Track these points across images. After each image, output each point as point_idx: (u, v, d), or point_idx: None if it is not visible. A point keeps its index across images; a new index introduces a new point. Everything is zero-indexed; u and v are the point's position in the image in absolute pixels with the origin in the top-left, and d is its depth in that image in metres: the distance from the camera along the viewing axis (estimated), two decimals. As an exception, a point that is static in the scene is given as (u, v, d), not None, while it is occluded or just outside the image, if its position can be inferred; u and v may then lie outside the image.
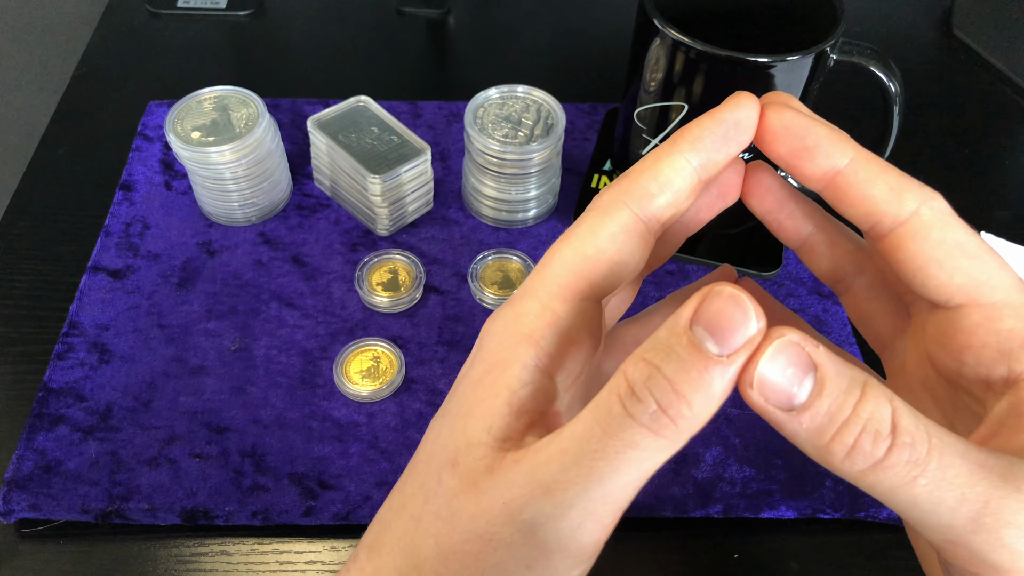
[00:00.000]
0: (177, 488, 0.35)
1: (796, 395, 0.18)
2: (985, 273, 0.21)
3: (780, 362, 0.18)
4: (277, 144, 0.44)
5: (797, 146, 0.22)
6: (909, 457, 0.18)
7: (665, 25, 0.37)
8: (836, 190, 0.22)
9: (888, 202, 0.22)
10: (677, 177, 0.22)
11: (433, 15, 0.62)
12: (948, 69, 0.60)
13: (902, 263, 0.22)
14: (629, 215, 0.22)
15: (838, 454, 0.18)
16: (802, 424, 0.18)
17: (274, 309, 0.41)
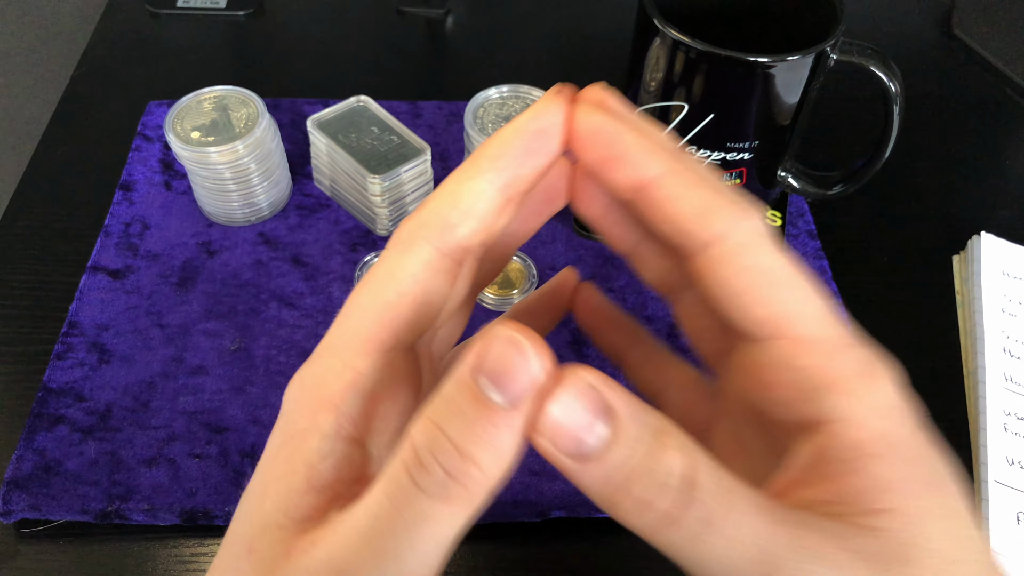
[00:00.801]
0: (177, 488, 0.35)
1: (587, 443, 0.16)
2: (791, 305, 0.20)
3: (571, 406, 0.17)
4: (277, 144, 0.44)
5: (603, 154, 0.20)
6: (703, 515, 0.17)
7: (665, 25, 0.37)
8: (643, 204, 0.20)
9: (695, 221, 0.20)
10: (479, 202, 0.20)
11: (433, 15, 0.61)
12: (948, 69, 0.60)
13: (708, 288, 0.20)
14: (430, 251, 0.20)
15: (631, 509, 0.17)
16: (593, 475, 0.17)
17: (274, 309, 0.41)
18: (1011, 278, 0.44)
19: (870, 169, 0.41)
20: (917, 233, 0.48)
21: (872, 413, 0.19)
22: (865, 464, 0.18)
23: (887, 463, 0.18)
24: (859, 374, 0.19)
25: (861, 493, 0.18)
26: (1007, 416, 0.39)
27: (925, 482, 0.19)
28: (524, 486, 0.35)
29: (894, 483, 0.18)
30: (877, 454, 0.19)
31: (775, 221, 0.46)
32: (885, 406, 0.19)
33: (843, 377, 0.19)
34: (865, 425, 0.19)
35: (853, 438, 0.19)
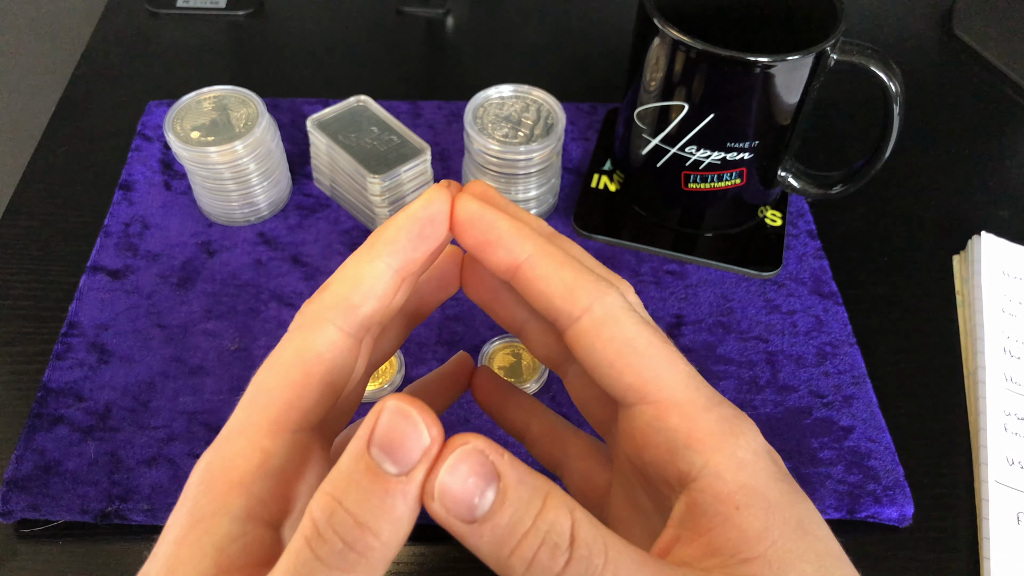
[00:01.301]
0: (176, 488, 0.35)
1: (478, 506, 0.17)
2: (653, 371, 0.21)
3: (461, 471, 0.17)
4: (277, 144, 0.44)
5: (481, 239, 0.22)
6: (585, 571, 0.18)
7: (665, 25, 0.37)
8: (519, 284, 0.22)
9: (563, 299, 0.21)
10: (378, 283, 0.22)
11: (433, 15, 0.61)
12: (948, 69, 0.60)
13: (582, 360, 0.22)
14: (334, 331, 0.21)
15: (518, 568, 0.18)
16: (483, 537, 0.17)
17: (273, 309, 0.41)
18: (1011, 278, 0.44)
19: (870, 169, 0.41)
20: (917, 233, 0.48)
21: (733, 467, 0.20)
22: (731, 516, 0.20)
23: (751, 513, 0.20)
24: (719, 432, 0.21)
25: (731, 543, 0.20)
26: (1007, 416, 0.39)
27: (790, 527, 0.20)
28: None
29: (760, 532, 0.20)
30: (742, 505, 0.20)
31: (775, 221, 0.46)
32: (745, 460, 0.20)
33: (705, 435, 0.20)
34: (728, 479, 0.20)
35: (718, 492, 0.20)
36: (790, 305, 0.43)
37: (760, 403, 0.39)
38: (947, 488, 0.37)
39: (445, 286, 0.26)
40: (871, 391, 0.39)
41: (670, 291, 0.43)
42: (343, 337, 0.21)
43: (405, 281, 0.22)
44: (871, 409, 0.39)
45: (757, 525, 0.20)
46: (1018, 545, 0.34)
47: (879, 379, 0.40)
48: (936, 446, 0.39)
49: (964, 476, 0.38)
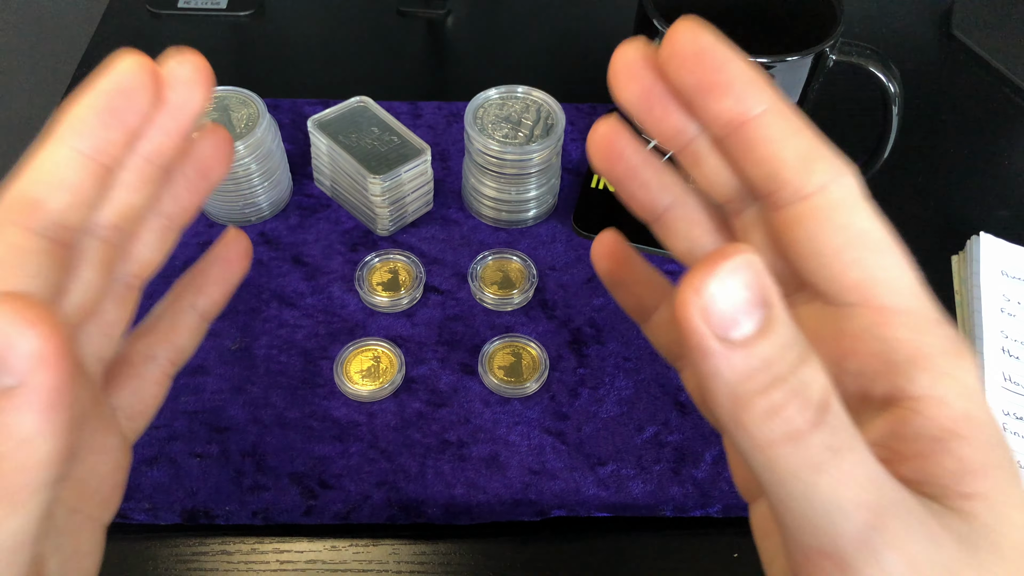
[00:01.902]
0: (178, 488, 0.35)
1: (739, 325, 0.15)
2: (885, 271, 0.18)
3: (736, 282, 0.15)
4: (277, 144, 0.44)
5: (708, 79, 0.18)
6: (829, 441, 0.16)
7: (665, 25, 0.37)
8: (739, 142, 0.19)
9: (795, 170, 0.18)
10: (66, 171, 0.19)
11: (433, 15, 0.62)
12: (948, 69, 0.60)
13: (796, 244, 0.19)
14: (16, 232, 0.18)
15: (758, 410, 0.15)
16: (732, 362, 0.15)
17: (274, 309, 0.41)
18: (1010, 278, 0.44)
19: (869, 169, 0.41)
20: (916, 233, 0.48)
21: (959, 394, 0.18)
22: (953, 446, 0.18)
23: (974, 446, 0.18)
24: (947, 352, 0.18)
25: (947, 475, 0.18)
26: (1006, 416, 0.39)
27: (1008, 470, 0.18)
28: (524, 486, 0.35)
29: (981, 468, 0.18)
30: (964, 436, 0.18)
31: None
32: (972, 388, 0.18)
33: (932, 354, 0.18)
34: (953, 405, 0.18)
35: (941, 417, 0.18)
36: (789, 305, 0.43)
37: (759, 402, 0.39)
38: (946, 487, 0.37)
39: (207, 174, 0.23)
40: (870, 391, 0.39)
41: (670, 291, 0.43)
42: (28, 237, 0.18)
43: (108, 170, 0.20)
44: (870, 408, 0.39)
45: (980, 460, 0.18)
46: (1016, 544, 0.35)
47: (878, 379, 0.40)
48: (935, 445, 0.39)
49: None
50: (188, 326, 0.26)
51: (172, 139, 0.21)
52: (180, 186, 0.23)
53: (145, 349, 0.25)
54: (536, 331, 0.41)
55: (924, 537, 0.17)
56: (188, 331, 0.26)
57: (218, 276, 0.26)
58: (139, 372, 0.24)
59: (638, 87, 0.20)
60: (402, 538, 0.35)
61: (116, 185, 0.21)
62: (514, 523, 0.35)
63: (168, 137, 0.21)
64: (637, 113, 0.20)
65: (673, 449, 0.37)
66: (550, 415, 0.38)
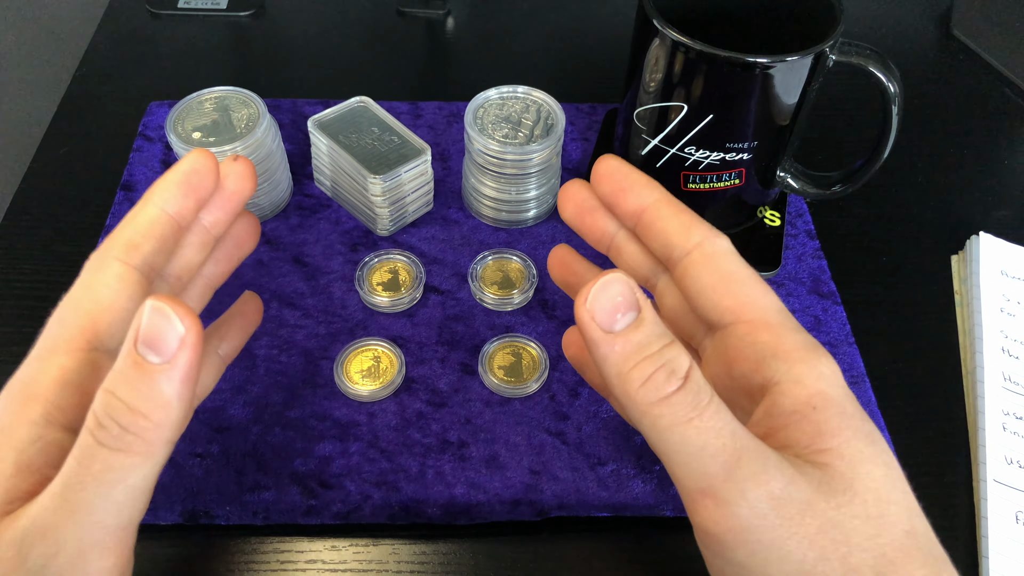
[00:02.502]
0: (178, 487, 0.35)
1: (618, 321, 0.21)
2: (750, 296, 0.25)
3: (612, 290, 0.21)
4: (278, 144, 0.44)
5: (616, 186, 0.27)
6: (692, 400, 0.21)
7: (665, 26, 0.37)
8: (642, 225, 0.27)
9: (679, 235, 0.26)
10: (155, 226, 0.26)
11: (433, 15, 0.62)
12: (948, 69, 0.60)
13: (687, 287, 0.26)
14: (120, 266, 0.25)
15: (636, 380, 0.21)
16: (614, 347, 0.21)
17: (275, 309, 0.41)
18: (1009, 278, 0.44)
19: (869, 169, 0.41)
20: (916, 233, 0.48)
21: (813, 376, 0.23)
22: (808, 414, 0.23)
23: (827, 414, 0.23)
24: (803, 348, 0.24)
25: (806, 437, 0.23)
26: (1006, 416, 0.39)
27: (862, 434, 0.23)
28: (524, 486, 0.35)
29: (834, 429, 0.23)
30: (819, 407, 0.23)
31: (774, 221, 0.46)
32: (824, 374, 0.24)
33: (791, 348, 0.24)
34: (807, 384, 0.23)
35: (797, 394, 0.23)
36: (789, 305, 0.43)
37: (759, 402, 0.39)
38: (946, 487, 0.37)
39: (240, 245, 0.31)
40: (870, 390, 0.39)
41: (670, 291, 0.43)
42: (128, 270, 0.25)
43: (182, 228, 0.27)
44: (869, 408, 0.39)
45: (832, 424, 0.23)
46: (1017, 544, 0.35)
47: (877, 379, 0.40)
48: (934, 445, 0.39)
49: (963, 475, 0.38)
50: (211, 365, 0.31)
51: (226, 216, 0.29)
52: (221, 254, 0.31)
53: None
54: (536, 331, 0.41)
55: (781, 476, 0.21)
56: (211, 370, 0.31)
57: (237, 327, 0.33)
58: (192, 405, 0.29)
59: (575, 207, 0.30)
60: (402, 538, 0.35)
61: (184, 245, 0.28)
62: (514, 523, 0.35)
63: (223, 214, 0.29)
64: (575, 224, 0.30)
65: (673, 449, 0.37)
66: (550, 415, 0.38)
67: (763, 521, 0.21)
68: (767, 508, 0.21)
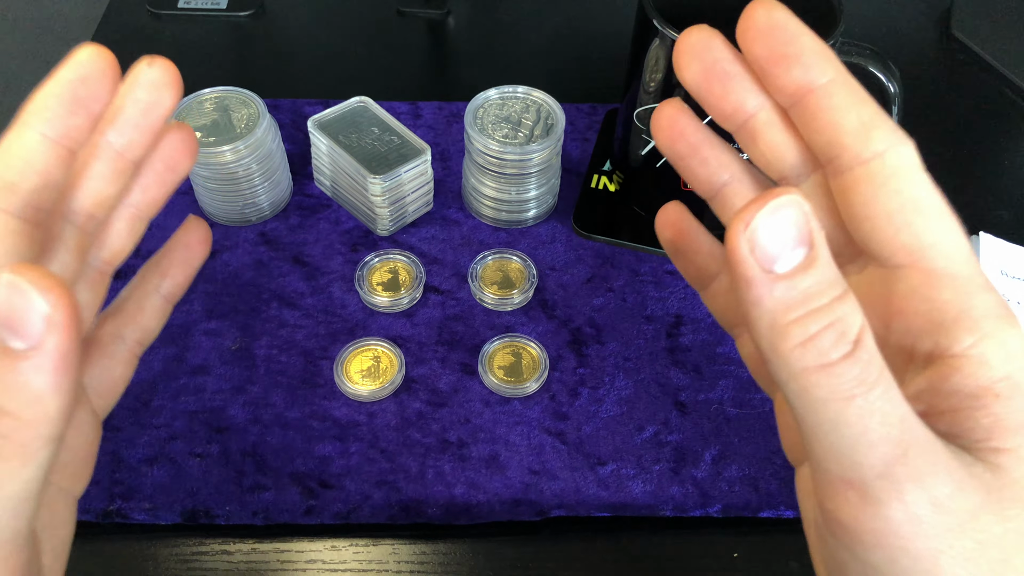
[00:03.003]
0: (178, 487, 0.35)
1: (783, 259, 0.16)
2: (935, 236, 0.19)
3: (782, 220, 0.16)
4: (278, 144, 0.44)
5: (779, 50, 0.20)
6: (859, 374, 0.17)
7: (665, 25, 0.37)
8: (804, 110, 0.20)
9: (855, 135, 0.20)
10: (35, 155, 0.20)
11: (433, 15, 0.62)
12: (947, 69, 0.60)
13: (852, 207, 0.20)
14: None
15: (794, 338, 0.17)
16: (773, 292, 0.16)
17: (275, 309, 0.41)
18: (1009, 278, 0.44)
19: (869, 169, 0.41)
20: (916, 233, 0.48)
21: (1003, 356, 0.19)
22: (990, 403, 0.18)
23: (1012, 405, 0.19)
24: (992, 316, 0.19)
25: (980, 430, 0.18)
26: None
27: None
28: (524, 486, 0.35)
29: (1016, 427, 0.18)
30: (1003, 395, 0.19)
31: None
32: (1015, 352, 0.19)
33: (977, 316, 0.19)
34: (993, 365, 0.19)
35: (980, 376, 0.19)
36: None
37: (760, 402, 0.39)
38: (946, 487, 0.37)
39: (173, 167, 0.25)
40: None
41: (670, 291, 0.43)
42: (6, 218, 0.20)
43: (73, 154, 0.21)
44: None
45: (1015, 419, 0.19)
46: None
47: (878, 378, 0.40)
48: (935, 445, 0.39)
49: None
50: (153, 308, 0.27)
51: (143, 136, 0.22)
52: (149, 179, 0.25)
53: (113, 330, 0.26)
54: (536, 331, 0.41)
55: (949, 479, 0.17)
56: (153, 312, 0.27)
57: (180, 260, 0.28)
58: (108, 351, 0.25)
59: (700, 67, 0.21)
60: (402, 538, 0.35)
61: (90, 176, 0.23)
62: (514, 523, 0.35)
63: (139, 133, 0.22)
64: (698, 91, 0.22)
65: (673, 449, 0.37)
66: (550, 415, 0.38)
67: (917, 529, 0.18)
68: (926, 515, 0.17)
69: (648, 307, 0.42)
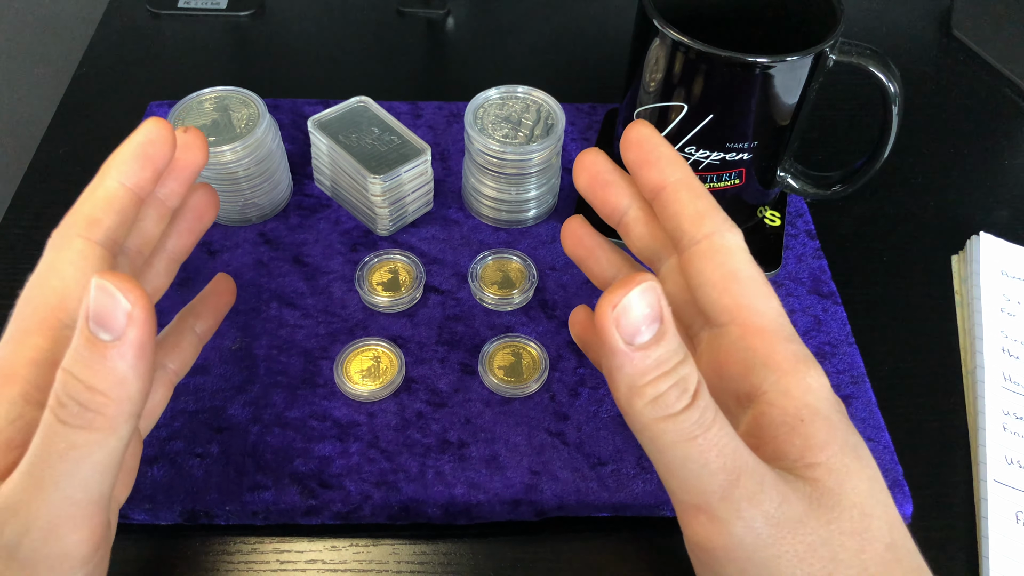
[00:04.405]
0: (178, 487, 0.35)
1: (642, 334, 0.20)
2: (749, 299, 0.24)
3: (644, 301, 0.20)
4: (278, 144, 0.44)
5: (643, 156, 0.26)
6: (698, 419, 0.21)
7: (665, 26, 0.37)
8: (659, 203, 0.26)
9: (692, 222, 0.25)
10: (115, 199, 0.26)
11: (433, 15, 0.62)
12: (948, 69, 0.60)
13: (690, 277, 0.25)
14: (82, 243, 0.25)
15: (647, 396, 0.21)
16: (632, 360, 0.20)
17: (275, 309, 0.41)
18: (1010, 278, 0.44)
19: (869, 169, 0.41)
20: (916, 233, 0.48)
21: (801, 389, 0.23)
22: (796, 427, 0.23)
23: (815, 427, 0.23)
24: (794, 359, 0.24)
25: (795, 450, 0.23)
26: (1006, 416, 0.39)
27: (848, 447, 0.23)
28: (524, 486, 0.35)
29: (823, 443, 0.23)
30: (807, 419, 0.23)
31: (774, 221, 0.46)
32: (812, 387, 0.24)
33: (781, 359, 0.24)
34: (795, 396, 0.23)
35: (785, 406, 0.23)
36: (789, 305, 0.43)
37: (759, 402, 0.39)
38: (946, 487, 0.37)
39: (200, 217, 0.32)
40: (870, 390, 0.39)
41: (670, 291, 0.43)
42: (91, 246, 0.25)
43: (142, 201, 0.27)
44: (870, 408, 0.39)
45: (821, 437, 0.23)
46: (1017, 544, 0.35)
47: (878, 379, 0.40)
48: (935, 445, 0.39)
49: (963, 475, 0.38)
50: (189, 343, 0.32)
51: (181, 186, 0.29)
52: (182, 226, 0.31)
53: (157, 359, 0.31)
54: (536, 331, 0.41)
55: (776, 495, 0.22)
56: (189, 347, 0.32)
57: (212, 305, 0.34)
58: (152, 378, 0.28)
59: (588, 177, 0.29)
60: (402, 538, 0.35)
61: (142, 219, 0.28)
62: (514, 523, 0.35)
63: (177, 185, 0.29)
64: (589, 194, 0.29)
65: (673, 449, 0.37)
66: (550, 415, 0.38)
67: (756, 540, 0.21)
68: (761, 527, 0.21)
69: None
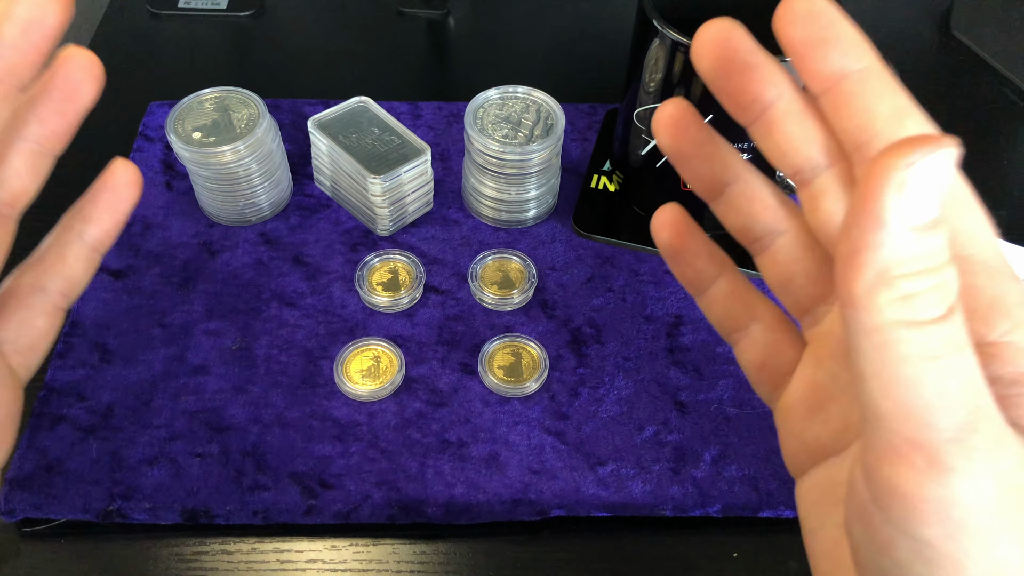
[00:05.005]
0: (178, 487, 0.35)
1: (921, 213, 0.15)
2: (968, 225, 0.19)
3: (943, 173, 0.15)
4: (278, 144, 0.44)
5: (816, 35, 0.19)
6: (950, 336, 0.16)
7: (664, 26, 0.37)
8: (837, 96, 0.20)
9: (888, 121, 0.19)
10: None
11: (433, 16, 0.62)
12: (947, 69, 0.60)
13: None
14: None
15: (899, 291, 0.16)
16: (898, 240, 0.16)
17: (275, 309, 0.41)
18: (1010, 278, 0.44)
19: (869, 169, 0.41)
20: (916, 233, 0.48)
21: None
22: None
23: None
24: None
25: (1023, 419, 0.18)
26: (1005, 415, 0.39)
27: None
28: (524, 485, 0.35)
29: None
30: None
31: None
32: None
33: (1012, 304, 0.19)
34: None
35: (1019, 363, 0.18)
36: (789, 305, 0.43)
37: (759, 402, 0.39)
38: (945, 487, 0.37)
39: (73, 96, 0.23)
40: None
41: (670, 291, 0.43)
42: None
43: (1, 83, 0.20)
44: (870, 408, 0.39)
45: None
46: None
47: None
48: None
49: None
50: (78, 256, 0.25)
51: (26, 56, 0.21)
52: (47, 109, 0.23)
53: (32, 281, 0.25)
54: (536, 331, 0.41)
55: (1013, 455, 0.17)
56: (78, 262, 0.25)
57: (106, 204, 0.26)
58: (26, 304, 0.24)
59: (720, 57, 0.21)
60: (402, 538, 0.35)
61: None
62: (514, 523, 0.35)
63: (20, 54, 0.21)
64: (716, 82, 0.21)
65: (673, 449, 0.37)
66: (550, 415, 0.38)
67: (979, 503, 0.17)
68: (991, 489, 0.17)
69: (648, 307, 0.42)
